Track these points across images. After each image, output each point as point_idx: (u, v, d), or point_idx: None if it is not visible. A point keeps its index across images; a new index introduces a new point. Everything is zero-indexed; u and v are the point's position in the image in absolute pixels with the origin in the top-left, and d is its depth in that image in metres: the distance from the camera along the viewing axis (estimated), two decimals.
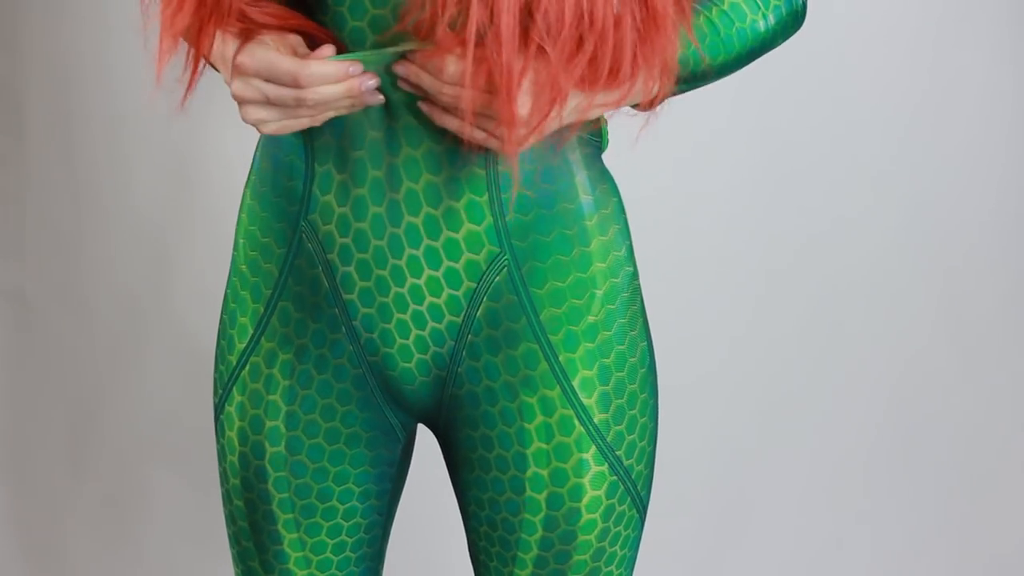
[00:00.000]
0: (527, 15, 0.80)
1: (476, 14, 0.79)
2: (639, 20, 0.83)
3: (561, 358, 0.96)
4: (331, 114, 0.88)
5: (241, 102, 0.87)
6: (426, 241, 0.93)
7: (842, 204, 1.93)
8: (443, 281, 0.94)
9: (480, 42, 0.80)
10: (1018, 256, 1.98)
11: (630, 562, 1.05)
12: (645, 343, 1.01)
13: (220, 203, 1.82)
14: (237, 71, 0.86)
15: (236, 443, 1.02)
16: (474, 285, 0.94)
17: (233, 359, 1.02)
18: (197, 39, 0.87)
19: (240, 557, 1.06)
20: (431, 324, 0.96)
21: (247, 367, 1.01)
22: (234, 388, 1.02)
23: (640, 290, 1.01)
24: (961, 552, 2.06)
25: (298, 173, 0.96)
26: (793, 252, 1.94)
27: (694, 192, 1.89)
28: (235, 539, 1.06)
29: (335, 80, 0.85)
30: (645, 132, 0.93)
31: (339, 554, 1.04)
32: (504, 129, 0.84)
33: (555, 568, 1.00)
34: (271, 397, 1.00)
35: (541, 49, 0.81)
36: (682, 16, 0.88)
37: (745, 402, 1.99)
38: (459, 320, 0.95)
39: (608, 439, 0.97)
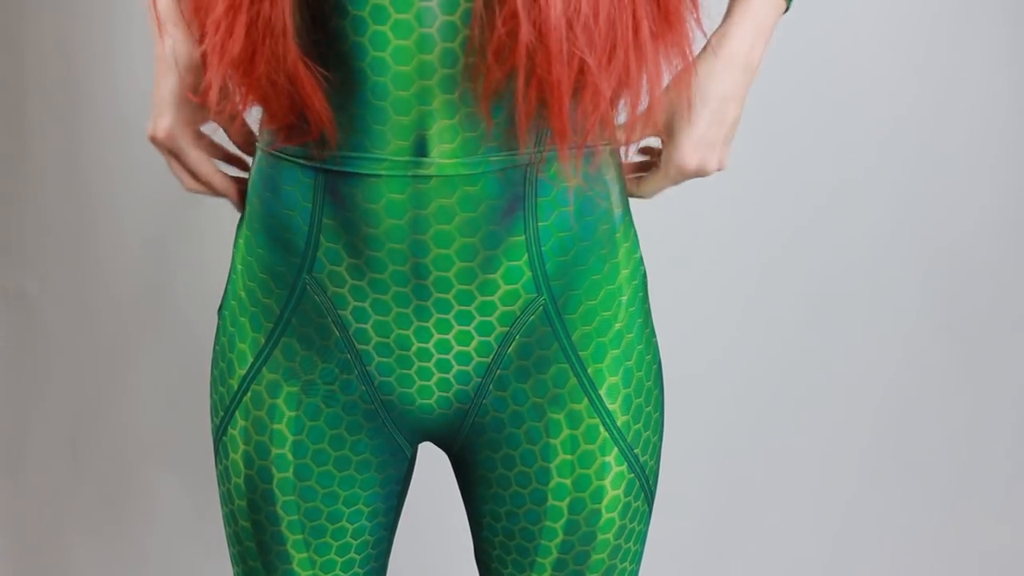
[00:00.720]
0: (570, 30, 0.81)
1: (525, 36, 0.80)
2: (652, 21, 0.85)
3: (590, 370, 0.96)
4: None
5: (156, 139, 1.00)
6: (457, 308, 0.92)
7: (840, 202, 1.93)
8: (474, 332, 0.93)
9: (529, 60, 0.81)
10: (1016, 254, 1.98)
11: (639, 556, 1.05)
12: (654, 337, 1.02)
13: (222, 203, 1.81)
14: (157, 138, 0.99)
15: (241, 466, 1.00)
16: (507, 329, 0.93)
17: (234, 383, 0.99)
18: (248, 66, 0.84)
19: None
20: (456, 367, 0.94)
21: (248, 393, 0.99)
22: (236, 412, 1.00)
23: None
24: (961, 552, 2.06)
25: (298, 231, 0.93)
26: (789, 251, 1.94)
27: (692, 190, 1.88)
28: (241, 559, 1.05)
29: (224, 190, 1.03)
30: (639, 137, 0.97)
31: (348, 570, 1.03)
32: (557, 144, 0.86)
33: (574, 569, 1.01)
34: (276, 426, 0.98)
35: (582, 61, 0.82)
36: (695, 8, 0.89)
37: (744, 401, 1.99)
38: (488, 360, 0.94)
39: (628, 439, 0.98)
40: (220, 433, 1.02)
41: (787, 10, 0.99)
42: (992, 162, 1.95)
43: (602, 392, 0.96)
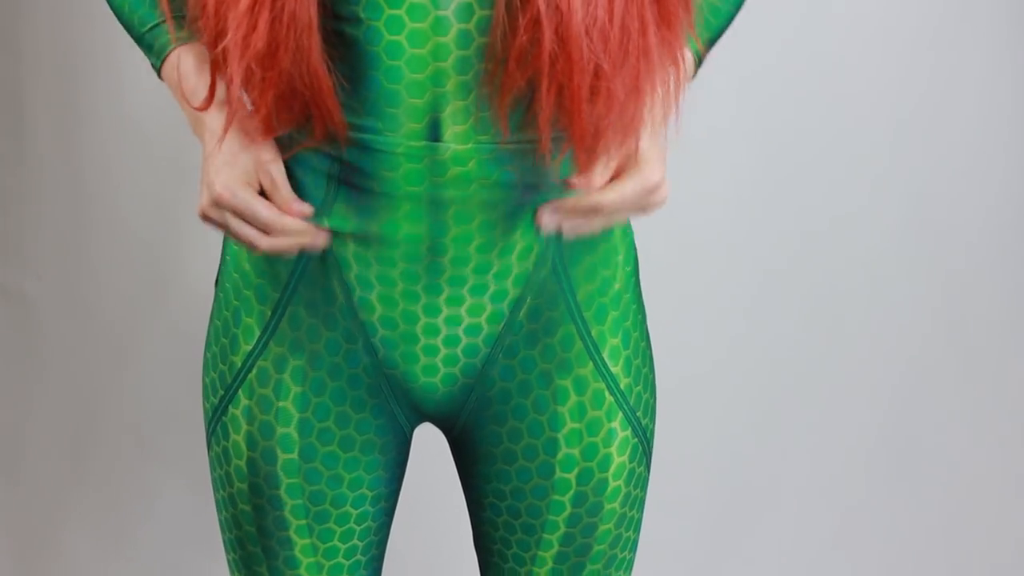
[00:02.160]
0: (587, 36, 0.83)
1: (549, 45, 0.82)
2: (656, 25, 0.87)
3: (593, 332, 0.97)
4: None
5: (205, 219, 0.92)
6: (473, 280, 0.92)
7: (841, 203, 1.93)
8: (488, 302, 0.93)
9: (552, 67, 0.83)
10: (1017, 255, 1.98)
11: (640, 525, 1.06)
12: (641, 293, 1.03)
13: None
14: (213, 198, 0.90)
15: (244, 447, 0.99)
16: (520, 291, 0.94)
17: (238, 360, 0.98)
18: (271, 60, 0.84)
19: (244, 563, 1.04)
20: (465, 340, 0.95)
21: (254, 370, 0.98)
22: (240, 391, 0.98)
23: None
24: (961, 552, 2.06)
25: (314, 199, 0.93)
26: (792, 251, 1.94)
27: (692, 191, 1.89)
28: (238, 544, 1.03)
29: (298, 233, 0.91)
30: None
31: (350, 558, 1.03)
32: (575, 146, 0.87)
33: (581, 543, 1.01)
34: (282, 403, 0.97)
35: (598, 66, 0.84)
36: (687, 14, 0.91)
37: (744, 402, 1.99)
38: (499, 329, 0.95)
39: (631, 402, 0.99)
40: (219, 413, 1.00)
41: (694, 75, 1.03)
42: (996, 165, 1.95)
43: (605, 355, 0.97)
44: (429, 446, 1.26)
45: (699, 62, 1.03)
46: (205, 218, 0.92)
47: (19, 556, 2.01)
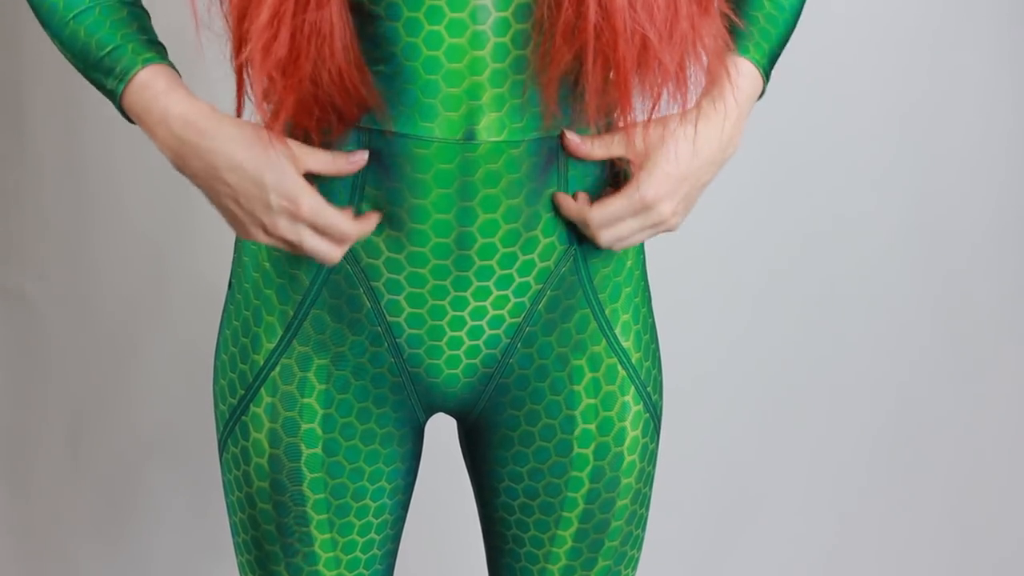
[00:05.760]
0: (631, 8, 0.84)
1: (593, 17, 0.83)
2: (692, 4, 0.88)
3: (607, 311, 0.98)
4: None
5: (286, 245, 0.89)
6: (499, 273, 0.93)
7: (842, 204, 1.94)
8: (511, 295, 0.95)
9: (597, 39, 0.84)
10: (1019, 256, 1.99)
11: (650, 502, 1.07)
12: (647, 271, 1.05)
13: None
14: (296, 213, 0.87)
15: (265, 445, 0.99)
16: (541, 286, 0.95)
17: (260, 359, 0.98)
18: (292, 67, 0.84)
19: (259, 563, 1.03)
20: (488, 332, 0.96)
21: (277, 368, 0.98)
22: (262, 389, 0.98)
23: None
24: (962, 553, 2.07)
25: (338, 198, 0.92)
26: (794, 252, 1.95)
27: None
28: (254, 544, 1.03)
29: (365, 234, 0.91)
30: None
31: (367, 552, 1.03)
32: (621, 114, 0.88)
33: (600, 519, 1.02)
34: (306, 400, 0.97)
35: (644, 37, 0.85)
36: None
37: (746, 402, 2.00)
38: (519, 320, 0.96)
39: (641, 376, 1.01)
40: (238, 413, 1.00)
41: (762, 95, 1.01)
42: (998, 166, 1.95)
43: (617, 331, 0.99)
44: (431, 445, 1.27)
45: (766, 75, 1.00)
46: (271, 239, 0.89)
47: (20, 556, 2.00)
